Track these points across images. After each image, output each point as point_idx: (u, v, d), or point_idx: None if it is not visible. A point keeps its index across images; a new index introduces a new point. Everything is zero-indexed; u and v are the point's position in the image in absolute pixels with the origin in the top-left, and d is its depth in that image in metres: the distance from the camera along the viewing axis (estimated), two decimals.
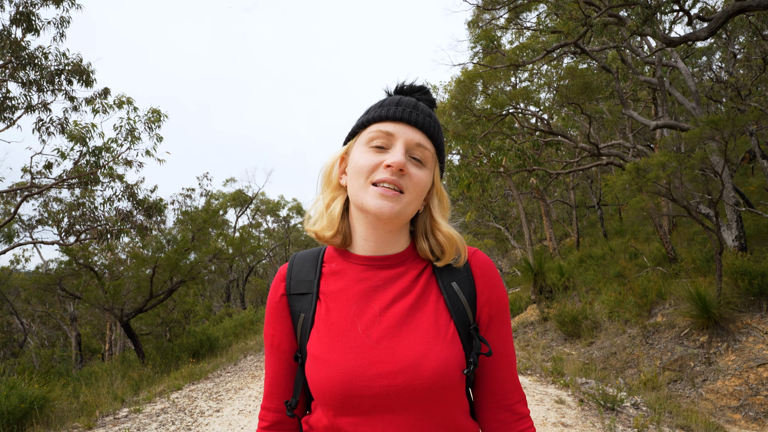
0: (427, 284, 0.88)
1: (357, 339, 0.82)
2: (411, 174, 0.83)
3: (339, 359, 0.80)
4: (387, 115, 0.85)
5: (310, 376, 0.83)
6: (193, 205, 22.90)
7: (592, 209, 24.08)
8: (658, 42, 9.09)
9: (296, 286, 0.92)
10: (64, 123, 9.96)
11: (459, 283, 0.89)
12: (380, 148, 0.84)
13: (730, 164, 12.64)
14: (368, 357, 0.80)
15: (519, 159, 14.36)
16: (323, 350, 0.83)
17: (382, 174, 0.82)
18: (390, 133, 0.83)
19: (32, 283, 12.26)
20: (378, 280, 0.87)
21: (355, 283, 0.87)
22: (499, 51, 13.08)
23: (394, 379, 0.78)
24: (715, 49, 16.34)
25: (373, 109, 0.89)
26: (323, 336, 0.84)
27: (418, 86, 0.93)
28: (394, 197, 0.81)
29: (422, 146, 0.85)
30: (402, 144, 0.83)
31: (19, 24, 9.01)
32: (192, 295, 15.38)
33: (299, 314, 0.89)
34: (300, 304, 0.90)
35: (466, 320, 0.86)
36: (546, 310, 10.93)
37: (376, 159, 0.83)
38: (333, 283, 0.89)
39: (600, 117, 16.69)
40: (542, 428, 4.32)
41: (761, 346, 6.02)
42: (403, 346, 0.80)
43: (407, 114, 0.84)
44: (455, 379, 0.80)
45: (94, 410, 5.69)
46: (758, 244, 9.25)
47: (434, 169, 0.89)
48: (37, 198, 11.83)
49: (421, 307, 0.85)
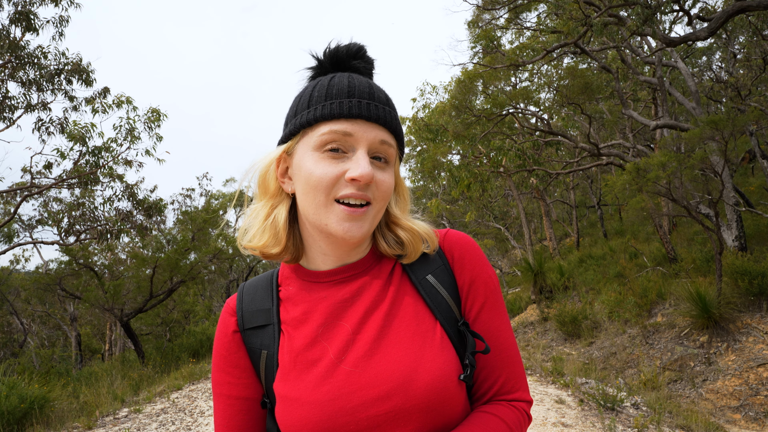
0: (400, 285, 0.76)
1: (330, 367, 0.69)
2: (378, 181, 0.69)
3: (312, 395, 0.67)
4: (341, 113, 0.68)
5: (282, 421, 0.69)
6: (193, 205, 22.91)
7: (592, 209, 24.08)
8: (658, 42, 9.09)
9: (250, 318, 0.77)
10: (64, 123, 9.96)
11: (435, 274, 0.76)
12: (336, 151, 0.69)
13: (730, 164, 12.64)
14: (347, 385, 0.67)
15: (519, 159, 14.36)
16: (292, 388, 0.69)
17: (345, 188, 0.68)
18: (348, 133, 0.68)
19: (32, 283, 12.27)
20: (343, 294, 0.74)
21: (317, 303, 0.74)
22: (499, 51, 13.08)
23: (382, 405, 0.65)
24: (715, 49, 16.35)
25: (318, 101, 0.71)
26: (290, 371, 0.71)
27: (356, 48, 0.76)
28: (362, 216, 0.69)
29: (386, 143, 0.71)
30: (365, 148, 0.69)
31: (19, 23, 9.00)
32: (192, 295, 15.39)
33: (260, 352, 0.75)
34: (259, 340, 0.76)
35: (452, 317, 0.74)
36: (546, 310, 10.93)
37: (335, 170, 0.68)
38: (292, 309, 0.76)
39: (600, 117, 16.69)
40: (542, 428, 4.32)
41: (761, 346, 6.02)
42: (387, 364, 0.68)
43: (365, 108, 0.69)
44: (453, 390, 0.68)
45: (94, 410, 5.69)
46: (758, 244, 9.25)
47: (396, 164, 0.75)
48: (37, 198, 11.83)
49: (398, 313, 0.72)
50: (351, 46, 0.76)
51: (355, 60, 0.76)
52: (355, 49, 0.76)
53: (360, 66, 0.76)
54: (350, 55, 0.76)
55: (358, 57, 0.76)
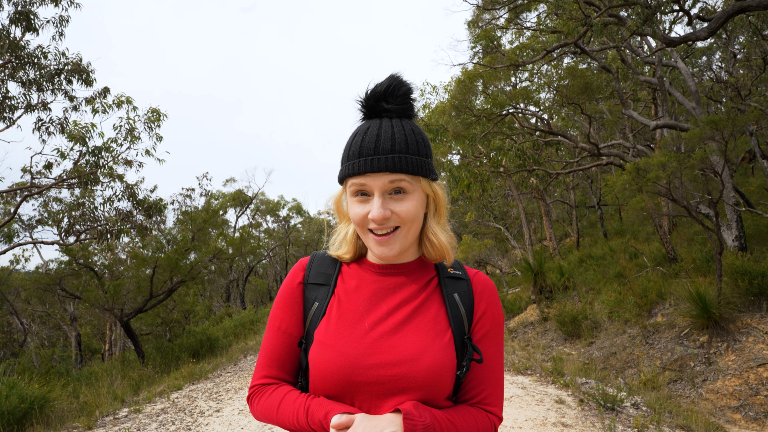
0: (432, 293, 0.97)
1: (362, 332, 0.90)
2: (397, 212, 0.89)
3: (344, 347, 0.88)
4: (356, 172, 0.89)
5: (314, 359, 0.90)
6: (193, 205, 22.91)
7: (592, 209, 24.08)
8: (658, 42, 9.08)
9: (315, 276, 1.00)
10: (64, 123, 9.96)
11: (460, 295, 0.97)
12: (363, 194, 0.91)
13: (730, 164, 12.64)
14: (371, 348, 0.88)
15: (519, 159, 14.36)
16: (330, 337, 0.90)
17: (371, 224, 0.90)
18: (363, 184, 0.90)
19: (32, 283, 12.26)
20: (389, 284, 0.96)
21: (369, 284, 0.97)
22: (499, 51, 13.08)
23: (391, 369, 0.86)
24: (715, 49, 16.34)
25: (343, 162, 0.93)
26: (332, 325, 0.92)
27: (383, 89, 0.91)
28: (390, 240, 0.90)
29: (396, 182, 0.89)
30: (378, 194, 0.89)
31: (19, 23, 9.00)
32: (192, 295, 15.38)
33: (313, 302, 0.97)
34: (316, 293, 0.98)
35: (461, 329, 0.94)
36: (546, 310, 10.93)
37: (363, 210, 0.90)
38: (349, 281, 0.99)
39: (600, 117, 16.68)
40: (542, 428, 4.32)
41: (761, 346, 6.01)
42: (403, 343, 0.89)
43: (369, 165, 0.88)
44: (447, 378, 0.88)
45: (94, 410, 5.69)
46: (758, 244, 9.25)
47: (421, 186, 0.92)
48: (37, 198, 11.83)
49: (423, 312, 0.93)
50: (378, 88, 0.91)
51: (384, 102, 0.92)
52: (381, 90, 0.91)
53: (390, 107, 0.92)
54: (378, 98, 0.92)
55: (387, 98, 0.91)
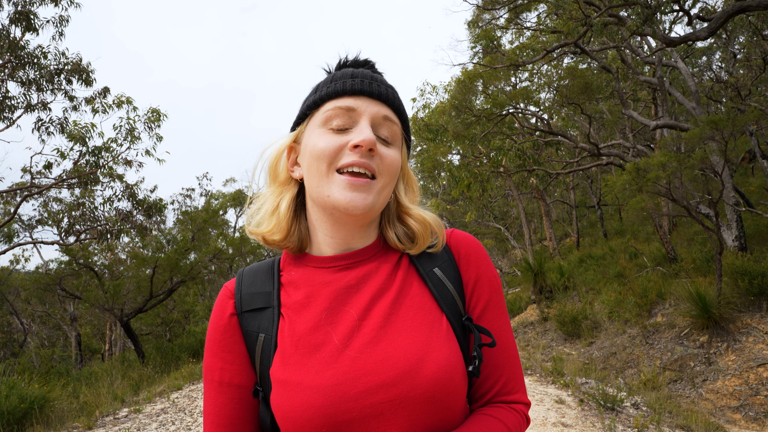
0: (407, 275, 0.75)
1: (335, 352, 0.66)
2: (382, 154, 0.70)
3: (315, 379, 0.64)
4: (344, 89, 0.71)
5: (281, 407, 0.65)
6: (193, 205, 22.91)
7: (592, 209, 24.08)
8: (658, 42, 9.09)
9: (249, 301, 0.75)
10: (64, 123, 9.95)
11: (442, 268, 0.75)
12: (341, 130, 0.71)
13: (730, 164, 12.65)
14: (352, 371, 0.64)
15: (519, 159, 14.36)
16: (294, 373, 0.66)
17: (348, 157, 0.69)
18: (351, 108, 0.71)
19: (32, 283, 12.27)
20: (349, 279, 0.73)
21: (321, 288, 0.73)
22: (499, 51, 13.09)
23: (387, 392, 0.63)
24: (715, 49, 16.34)
25: (324, 85, 0.75)
26: (291, 356, 0.68)
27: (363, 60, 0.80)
28: (365, 186, 0.69)
29: (390, 120, 0.73)
30: (367, 120, 0.71)
31: (19, 23, 9.00)
32: (192, 295, 15.39)
33: (257, 335, 0.72)
34: (257, 323, 0.73)
35: (457, 311, 0.73)
36: (546, 310, 10.93)
37: (339, 140, 0.70)
38: (294, 293, 0.74)
39: (600, 117, 16.69)
40: (542, 428, 4.32)
41: (761, 346, 6.02)
42: (393, 351, 0.66)
43: (367, 85, 0.72)
44: (459, 382, 0.67)
45: (94, 410, 5.69)
46: (758, 244, 9.25)
47: (402, 149, 0.77)
48: (36, 198, 11.83)
49: (405, 301, 0.71)
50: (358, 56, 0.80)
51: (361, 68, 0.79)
52: (362, 60, 0.80)
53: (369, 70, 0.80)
54: (358, 64, 0.80)
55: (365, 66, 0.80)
